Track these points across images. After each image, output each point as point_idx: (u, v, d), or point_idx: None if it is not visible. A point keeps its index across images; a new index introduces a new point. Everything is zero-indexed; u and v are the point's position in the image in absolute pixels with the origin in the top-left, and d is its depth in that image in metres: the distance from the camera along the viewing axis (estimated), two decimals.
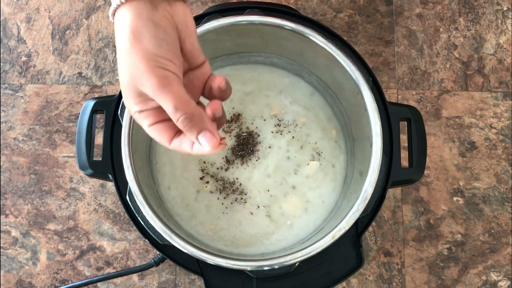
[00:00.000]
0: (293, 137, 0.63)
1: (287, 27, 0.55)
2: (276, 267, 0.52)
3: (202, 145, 0.39)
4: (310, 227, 0.61)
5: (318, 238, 0.53)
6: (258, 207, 0.62)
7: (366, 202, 0.52)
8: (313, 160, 0.63)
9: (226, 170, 0.62)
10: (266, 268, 0.52)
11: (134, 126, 0.54)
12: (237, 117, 0.64)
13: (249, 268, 0.52)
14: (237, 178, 0.62)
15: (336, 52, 0.54)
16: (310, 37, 0.55)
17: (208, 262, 0.51)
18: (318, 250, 0.51)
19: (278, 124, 0.64)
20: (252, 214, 0.61)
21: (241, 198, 0.62)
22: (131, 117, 0.53)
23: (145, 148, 0.60)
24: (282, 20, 0.55)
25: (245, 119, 0.64)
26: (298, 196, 0.62)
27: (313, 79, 0.64)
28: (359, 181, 0.56)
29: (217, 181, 0.62)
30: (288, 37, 0.57)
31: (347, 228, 0.51)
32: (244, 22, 0.55)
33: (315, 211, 0.62)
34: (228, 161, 0.63)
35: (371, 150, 0.53)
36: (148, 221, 0.52)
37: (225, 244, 0.60)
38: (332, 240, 0.51)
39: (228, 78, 0.63)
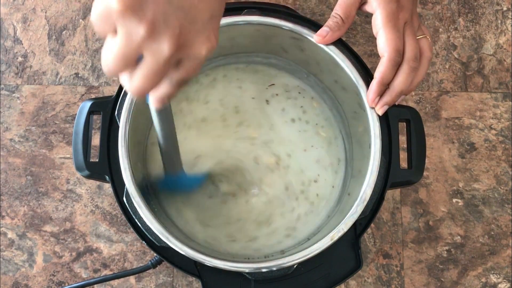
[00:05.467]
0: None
1: (285, 27, 0.55)
2: (274, 269, 0.51)
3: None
4: (309, 228, 0.61)
5: (316, 239, 0.52)
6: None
7: (365, 203, 0.52)
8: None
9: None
10: (264, 270, 0.51)
11: (131, 127, 0.53)
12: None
13: (247, 270, 0.52)
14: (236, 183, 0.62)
15: (334, 53, 0.54)
16: (308, 38, 0.55)
17: (206, 264, 0.51)
18: (317, 252, 0.51)
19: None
20: (251, 217, 0.61)
21: (241, 198, 0.61)
22: (128, 118, 0.53)
23: (142, 149, 0.60)
24: (280, 20, 0.55)
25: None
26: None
27: (311, 79, 0.64)
28: (357, 182, 0.56)
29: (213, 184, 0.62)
30: (286, 37, 0.56)
31: (345, 229, 0.51)
32: (242, 23, 0.55)
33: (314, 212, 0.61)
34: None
35: (369, 151, 0.53)
36: (145, 223, 0.51)
37: (223, 244, 0.60)
38: (331, 242, 0.51)
39: (225, 78, 0.64)
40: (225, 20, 0.55)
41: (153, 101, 0.39)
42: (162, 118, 0.47)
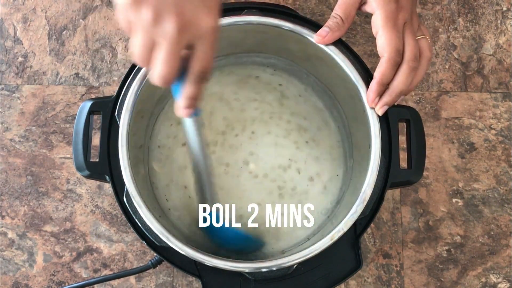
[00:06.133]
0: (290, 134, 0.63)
1: (285, 28, 0.55)
2: (274, 268, 0.51)
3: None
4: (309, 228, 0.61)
5: (316, 239, 0.52)
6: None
7: (365, 203, 0.52)
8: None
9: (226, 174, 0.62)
10: (264, 270, 0.51)
11: (131, 127, 0.53)
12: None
13: (247, 270, 0.52)
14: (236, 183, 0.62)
15: (334, 53, 0.54)
16: (308, 38, 0.55)
17: (205, 264, 0.51)
18: (316, 252, 0.51)
19: (276, 125, 0.64)
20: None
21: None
22: (128, 118, 0.53)
23: (142, 149, 0.60)
24: (280, 20, 0.55)
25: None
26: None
27: (311, 79, 0.64)
28: (357, 182, 0.56)
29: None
30: (286, 37, 0.56)
31: (345, 229, 0.51)
32: (242, 23, 0.55)
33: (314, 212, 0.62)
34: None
35: (369, 151, 0.53)
36: (145, 223, 0.51)
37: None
38: (331, 242, 0.51)
39: (225, 79, 0.64)
40: (225, 20, 0.55)
41: (183, 108, 0.44)
42: (195, 134, 0.50)
